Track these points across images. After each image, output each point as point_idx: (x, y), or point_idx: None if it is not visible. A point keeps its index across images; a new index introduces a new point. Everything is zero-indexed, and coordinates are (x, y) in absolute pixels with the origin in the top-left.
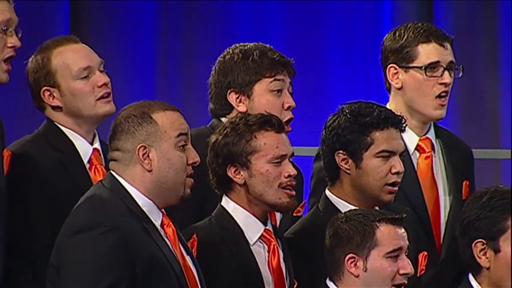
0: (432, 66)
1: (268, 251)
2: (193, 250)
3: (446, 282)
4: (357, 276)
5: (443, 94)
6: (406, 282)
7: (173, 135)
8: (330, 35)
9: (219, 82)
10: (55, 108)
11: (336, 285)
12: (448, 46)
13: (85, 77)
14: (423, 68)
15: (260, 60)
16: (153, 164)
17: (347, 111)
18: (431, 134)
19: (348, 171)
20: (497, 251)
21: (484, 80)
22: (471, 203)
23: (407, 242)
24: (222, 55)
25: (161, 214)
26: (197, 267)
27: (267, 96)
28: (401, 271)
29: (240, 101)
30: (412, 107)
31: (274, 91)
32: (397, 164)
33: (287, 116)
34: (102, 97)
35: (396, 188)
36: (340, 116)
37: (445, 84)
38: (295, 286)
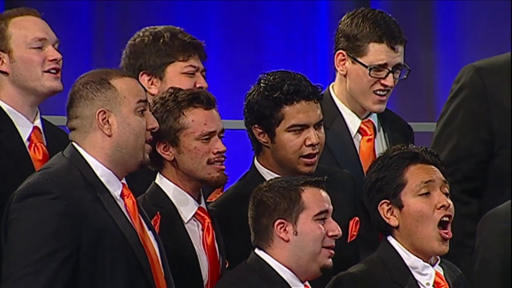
0: (378, 68)
1: (202, 230)
2: (156, 228)
3: None
4: (287, 241)
5: (383, 92)
6: (334, 244)
7: (133, 101)
8: (267, 8)
9: (131, 66)
10: (2, 73)
11: (266, 252)
12: (400, 48)
13: (39, 48)
14: (369, 68)
15: (171, 42)
16: (113, 129)
17: (261, 84)
18: (373, 117)
19: (266, 145)
20: (401, 207)
21: (419, 53)
22: (368, 171)
23: (331, 206)
24: (132, 38)
25: (121, 185)
26: (159, 243)
27: (179, 78)
28: (330, 233)
29: (152, 83)
30: (352, 96)
31: (187, 73)
32: (312, 136)
33: None
34: (49, 71)
35: (313, 159)
36: (256, 89)
37: (386, 86)
38: (226, 266)
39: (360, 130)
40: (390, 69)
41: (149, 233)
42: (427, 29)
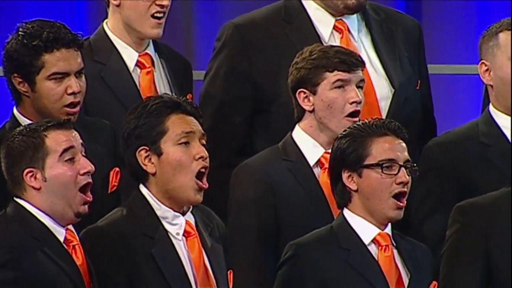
0: None
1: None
2: None
3: None
4: (39, 189)
5: (160, 14)
6: (90, 181)
7: None
8: None
9: None
10: None
11: (23, 199)
12: None
13: None
14: None
15: None
16: None
17: (20, 32)
18: (150, 50)
19: (26, 94)
20: (160, 154)
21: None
22: (127, 118)
23: (80, 141)
24: None
25: None
26: None
27: None
28: (82, 171)
29: None
30: (129, 25)
31: None
32: (73, 84)
33: None
34: None
35: (74, 109)
36: (14, 37)
37: (162, 6)
38: None
39: (138, 64)
40: None
41: None
42: None
